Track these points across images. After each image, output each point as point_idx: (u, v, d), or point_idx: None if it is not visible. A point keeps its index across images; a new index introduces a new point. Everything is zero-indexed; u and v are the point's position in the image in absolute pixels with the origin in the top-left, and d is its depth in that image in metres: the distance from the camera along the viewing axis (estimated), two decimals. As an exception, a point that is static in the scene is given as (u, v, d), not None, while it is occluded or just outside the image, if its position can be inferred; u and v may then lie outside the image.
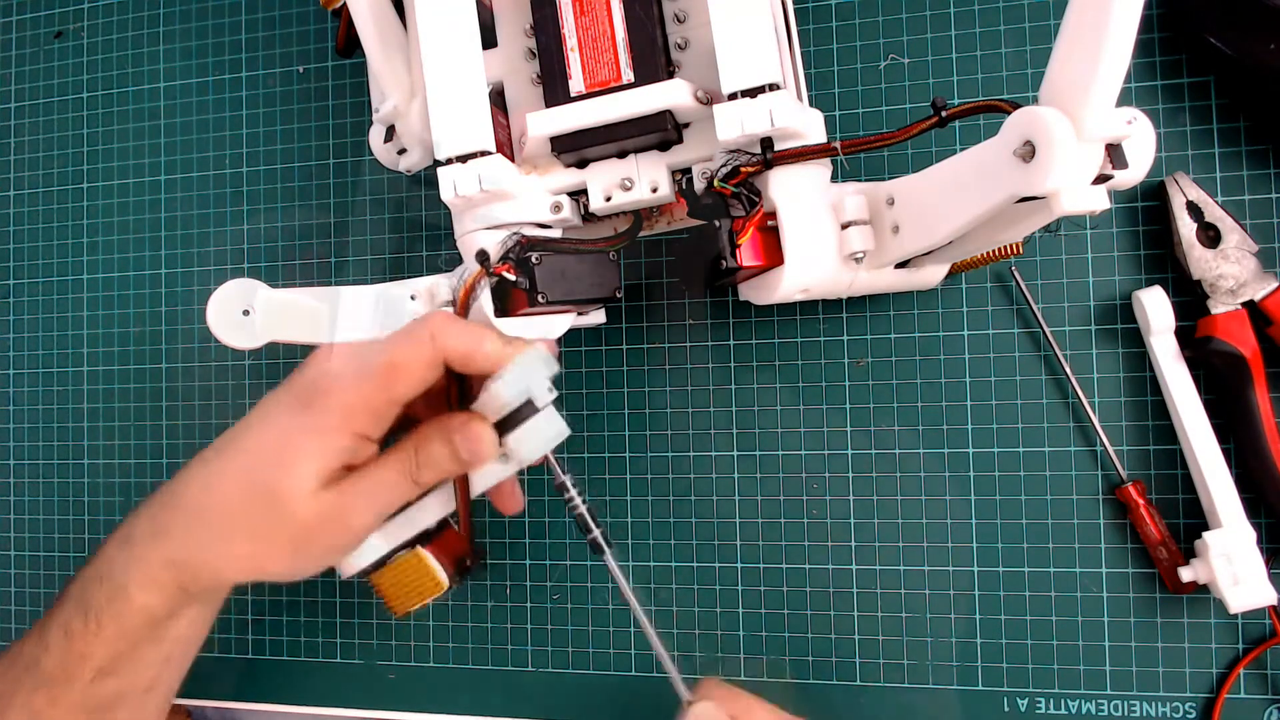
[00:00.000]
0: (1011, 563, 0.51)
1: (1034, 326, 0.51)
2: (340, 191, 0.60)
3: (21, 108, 0.66)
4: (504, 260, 0.43)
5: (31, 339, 0.65)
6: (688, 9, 0.43)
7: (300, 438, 0.41)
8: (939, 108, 0.38)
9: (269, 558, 0.42)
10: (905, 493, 0.52)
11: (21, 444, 0.65)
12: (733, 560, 0.54)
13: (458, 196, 0.43)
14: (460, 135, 0.43)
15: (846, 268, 0.43)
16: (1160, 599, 0.49)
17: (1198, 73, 0.50)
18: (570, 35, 0.43)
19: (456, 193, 0.43)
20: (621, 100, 0.42)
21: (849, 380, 0.53)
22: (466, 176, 0.43)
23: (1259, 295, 0.47)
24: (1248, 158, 0.49)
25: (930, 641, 0.51)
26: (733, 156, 0.42)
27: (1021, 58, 0.51)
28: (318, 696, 0.59)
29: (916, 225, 0.41)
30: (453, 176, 0.43)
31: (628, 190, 0.44)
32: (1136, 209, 0.50)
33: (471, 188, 0.43)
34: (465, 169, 0.43)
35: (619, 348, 0.56)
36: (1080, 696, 0.49)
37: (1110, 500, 0.50)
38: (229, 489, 0.42)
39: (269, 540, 0.42)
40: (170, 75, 0.64)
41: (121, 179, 0.64)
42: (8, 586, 0.64)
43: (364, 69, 0.52)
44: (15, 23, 0.67)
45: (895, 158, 0.52)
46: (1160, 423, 0.49)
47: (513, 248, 0.43)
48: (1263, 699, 0.48)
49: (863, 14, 0.54)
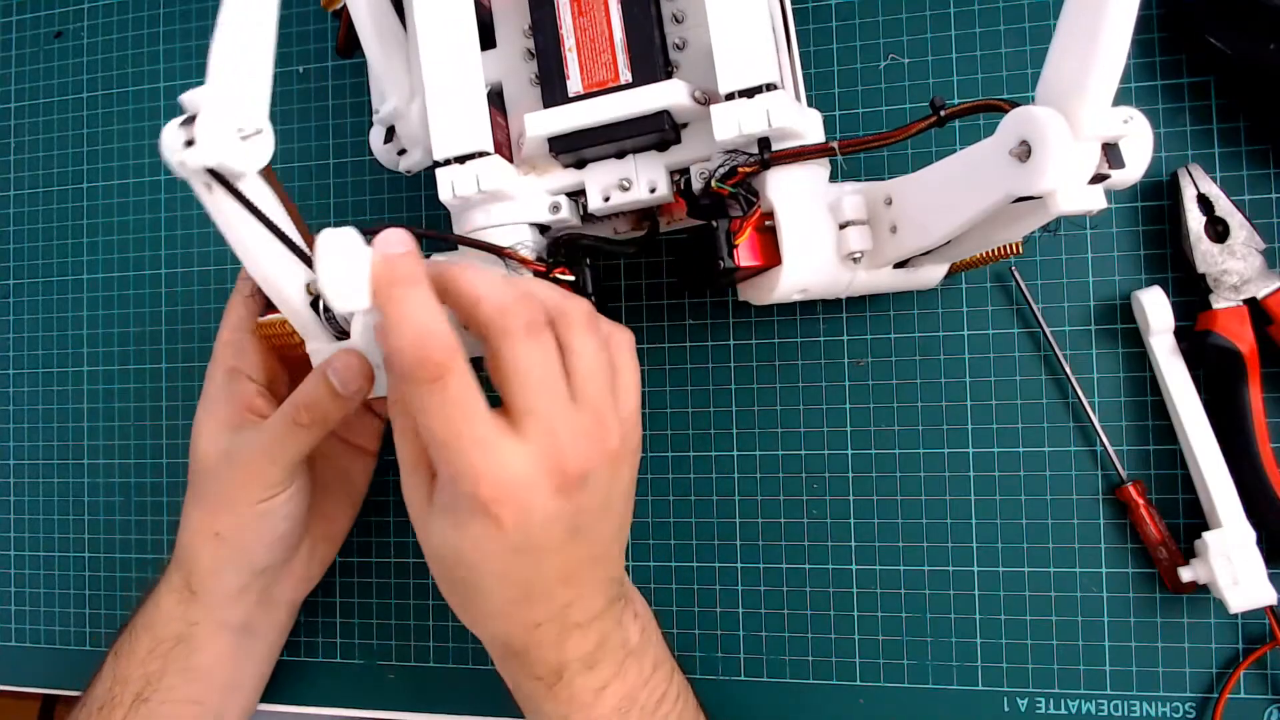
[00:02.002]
0: (1011, 563, 0.50)
1: (1034, 326, 0.51)
2: (340, 191, 0.60)
3: (21, 108, 0.67)
4: (556, 263, 0.43)
5: (31, 339, 0.65)
6: (685, 9, 0.43)
7: (209, 394, 0.49)
8: (937, 107, 0.38)
9: (203, 512, 0.48)
10: (905, 493, 0.52)
11: (21, 444, 0.65)
12: (733, 560, 0.54)
13: (456, 197, 0.43)
14: (458, 136, 0.43)
15: (844, 268, 0.43)
16: (1160, 599, 0.49)
17: (1198, 73, 0.50)
18: (568, 36, 0.43)
19: (455, 193, 0.43)
20: (619, 101, 0.42)
21: (849, 380, 0.53)
22: (464, 177, 0.43)
23: (1262, 293, 0.47)
24: (1248, 158, 0.49)
25: (930, 641, 0.51)
26: (730, 157, 0.42)
27: (1021, 58, 0.51)
28: (318, 696, 0.59)
29: (914, 225, 0.41)
30: (451, 177, 0.43)
31: (626, 190, 0.44)
32: (1136, 208, 0.50)
33: (469, 188, 0.43)
34: (463, 170, 0.43)
35: (618, 348, 0.56)
36: (1080, 696, 0.49)
37: (1110, 500, 0.50)
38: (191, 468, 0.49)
39: (198, 497, 0.48)
40: (170, 75, 0.64)
41: (121, 179, 0.64)
42: (7, 586, 0.64)
43: (364, 69, 0.52)
44: (15, 23, 0.67)
45: (895, 158, 0.52)
46: (1160, 423, 0.49)
47: (554, 250, 0.43)
48: (1263, 699, 0.48)
49: (863, 14, 0.54)
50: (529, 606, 0.39)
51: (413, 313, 0.35)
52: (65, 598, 0.63)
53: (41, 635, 0.63)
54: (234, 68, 0.37)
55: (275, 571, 0.50)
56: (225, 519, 0.47)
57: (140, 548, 0.62)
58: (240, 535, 0.47)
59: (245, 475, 0.46)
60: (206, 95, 0.36)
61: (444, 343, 0.35)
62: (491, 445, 0.36)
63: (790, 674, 0.53)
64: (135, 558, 0.62)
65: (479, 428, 0.36)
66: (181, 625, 0.49)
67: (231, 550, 0.48)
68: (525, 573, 0.38)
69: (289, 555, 0.50)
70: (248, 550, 0.48)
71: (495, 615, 0.40)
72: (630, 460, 0.41)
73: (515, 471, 0.36)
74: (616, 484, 0.40)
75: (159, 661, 0.49)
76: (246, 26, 0.37)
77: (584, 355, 0.39)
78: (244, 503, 0.46)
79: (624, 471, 0.41)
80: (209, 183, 0.36)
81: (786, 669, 0.53)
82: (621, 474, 0.40)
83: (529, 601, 0.39)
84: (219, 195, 0.36)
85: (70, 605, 0.63)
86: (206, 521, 0.48)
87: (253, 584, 0.49)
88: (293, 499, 0.47)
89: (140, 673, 0.48)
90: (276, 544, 0.48)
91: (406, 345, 0.35)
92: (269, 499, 0.46)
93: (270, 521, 0.47)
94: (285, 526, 0.48)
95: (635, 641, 0.43)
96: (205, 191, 0.37)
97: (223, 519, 0.47)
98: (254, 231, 0.38)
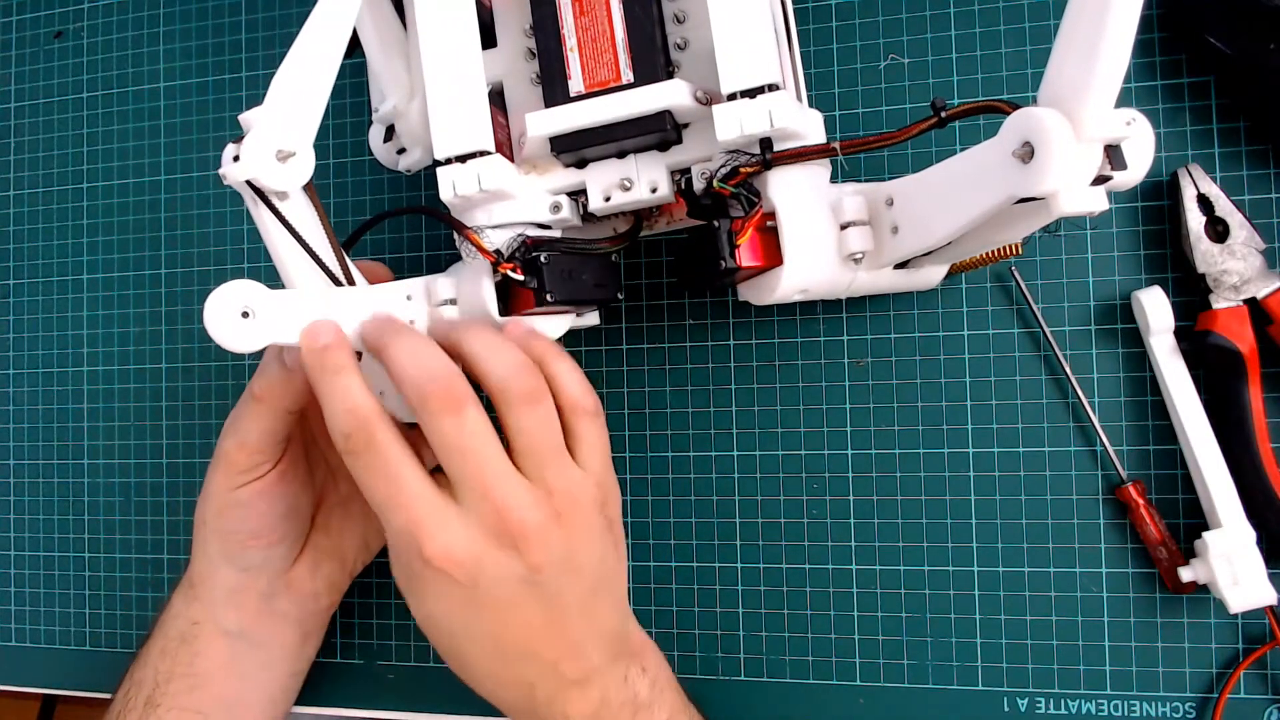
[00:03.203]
0: (1011, 563, 0.50)
1: (1034, 326, 0.51)
2: (340, 191, 0.60)
3: (21, 108, 0.66)
4: (510, 259, 0.43)
5: (31, 339, 0.65)
6: (687, 9, 0.43)
7: None
8: (938, 108, 0.38)
9: (198, 501, 0.49)
10: (905, 493, 0.52)
11: (21, 444, 0.65)
12: (733, 560, 0.54)
13: (456, 196, 0.43)
14: (459, 135, 0.43)
15: (845, 268, 0.43)
16: (1160, 599, 0.49)
17: (1198, 73, 0.50)
18: (570, 35, 0.43)
19: (455, 193, 0.43)
20: (621, 100, 0.42)
21: (849, 380, 0.53)
22: (465, 176, 0.43)
23: (1262, 293, 0.47)
24: (1248, 158, 0.49)
25: (930, 641, 0.51)
26: (732, 157, 0.42)
27: (1021, 58, 0.51)
28: (318, 696, 0.59)
29: (915, 226, 0.41)
30: (451, 176, 0.43)
31: (627, 190, 0.44)
32: (1137, 209, 0.50)
33: (470, 188, 0.43)
34: (464, 169, 0.43)
35: (619, 348, 0.56)
36: (1080, 696, 0.49)
37: (1110, 500, 0.50)
38: None
39: None
40: (170, 75, 0.64)
41: (121, 179, 0.64)
42: (8, 586, 0.64)
43: (364, 69, 0.52)
44: (15, 23, 0.67)
45: (896, 158, 0.52)
46: (1160, 423, 0.49)
47: (518, 248, 0.43)
48: (1263, 699, 0.48)
49: (863, 14, 0.54)
50: (512, 665, 0.41)
51: (339, 393, 0.40)
52: (65, 598, 0.63)
53: (41, 635, 0.63)
54: (289, 95, 0.41)
55: (271, 577, 0.50)
56: (208, 506, 0.48)
57: (140, 548, 0.62)
58: (221, 523, 0.48)
59: (218, 460, 0.47)
60: (257, 116, 0.40)
61: (366, 415, 0.39)
62: (429, 506, 0.39)
63: (790, 674, 0.53)
64: (135, 558, 0.62)
65: (413, 488, 0.39)
66: (185, 623, 0.49)
67: (219, 540, 0.48)
68: (492, 628, 0.40)
69: (283, 563, 0.50)
70: (232, 539, 0.48)
71: (486, 677, 0.42)
72: (585, 521, 0.42)
73: (455, 530, 0.39)
74: (576, 544, 0.41)
75: (168, 661, 0.49)
76: (312, 60, 0.41)
77: (522, 432, 0.41)
78: (222, 489, 0.47)
79: (579, 533, 0.41)
80: (253, 196, 0.40)
81: (786, 669, 0.53)
82: (576, 535, 0.41)
83: (508, 660, 0.41)
84: (259, 207, 0.40)
85: (70, 605, 0.63)
86: (198, 510, 0.49)
87: (248, 585, 0.49)
88: (269, 492, 0.47)
89: (151, 674, 0.49)
90: (261, 540, 0.48)
91: (336, 421, 0.40)
92: (242, 486, 0.46)
93: (247, 512, 0.47)
94: (265, 522, 0.48)
95: (645, 696, 0.44)
96: (251, 204, 0.41)
97: (207, 506, 0.48)
98: (285, 242, 0.41)
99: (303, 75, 0.41)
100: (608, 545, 0.43)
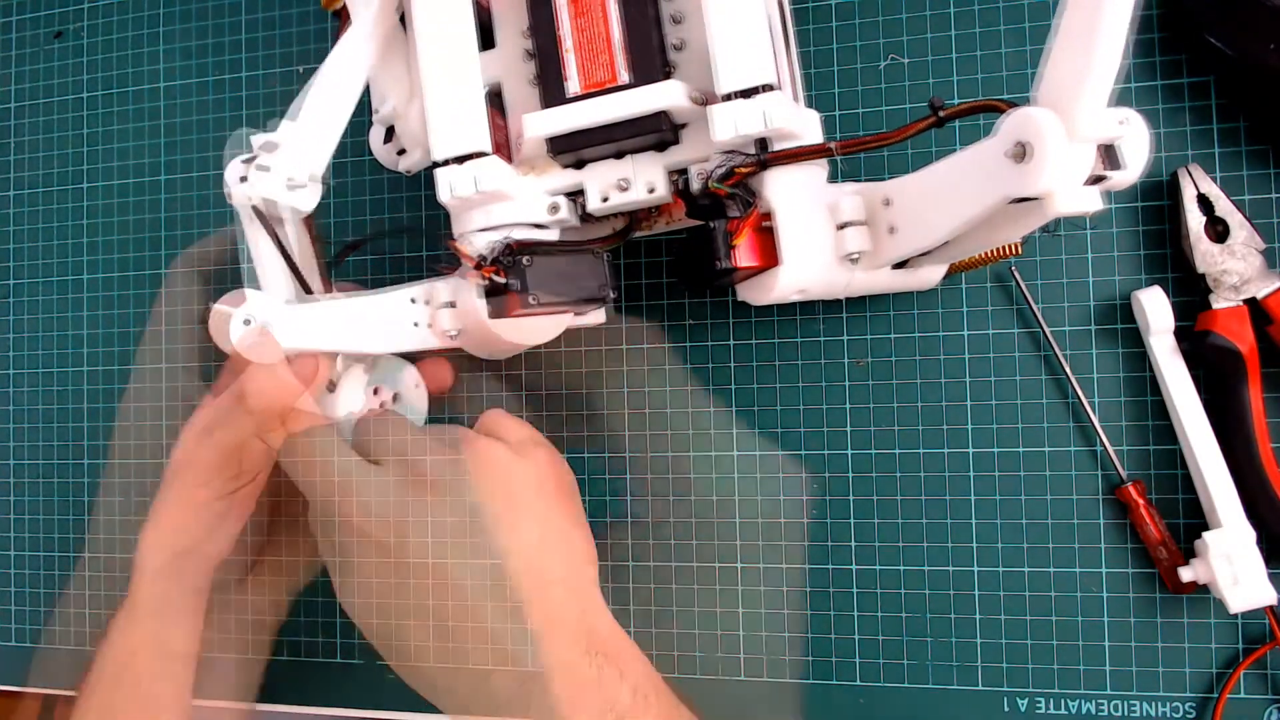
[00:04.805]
0: (1011, 563, 0.50)
1: (1034, 326, 0.51)
2: (340, 191, 0.60)
3: (21, 108, 0.67)
4: (493, 263, 0.43)
5: (31, 339, 0.65)
6: (684, 10, 0.43)
7: None
8: (936, 108, 0.38)
9: None
10: (905, 493, 0.52)
11: (21, 444, 0.65)
12: (733, 560, 0.54)
13: (454, 198, 0.43)
14: (457, 136, 0.43)
15: (843, 268, 0.43)
16: (1160, 599, 0.49)
17: (1198, 73, 0.50)
18: (567, 36, 0.43)
19: (453, 194, 0.43)
20: (618, 101, 0.42)
21: (849, 380, 0.53)
22: (463, 178, 0.43)
23: (1262, 293, 0.47)
24: (1248, 158, 0.49)
25: (930, 641, 0.51)
26: (728, 157, 0.42)
27: (1021, 58, 0.51)
28: (317, 696, 0.59)
29: (913, 226, 0.41)
30: (449, 178, 0.43)
31: (625, 191, 0.44)
32: (1137, 209, 0.50)
33: (467, 189, 0.43)
34: (462, 170, 0.43)
35: (619, 348, 0.56)
36: (1080, 696, 0.49)
37: (1110, 500, 0.50)
38: None
39: None
40: (170, 75, 0.64)
41: (121, 179, 0.64)
42: (8, 586, 0.64)
43: (363, 69, 0.52)
44: (15, 23, 0.67)
45: (894, 158, 0.52)
46: (1160, 423, 0.49)
47: (501, 251, 0.43)
48: (1263, 699, 0.48)
49: (863, 14, 0.54)
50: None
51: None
52: (65, 598, 0.63)
53: (41, 635, 0.63)
54: (307, 125, 0.42)
55: None
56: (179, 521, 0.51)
57: (140, 548, 0.62)
58: (183, 540, 0.51)
59: (194, 471, 0.51)
60: (271, 141, 0.41)
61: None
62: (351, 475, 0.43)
63: (790, 674, 0.53)
64: (135, 558, 0.62)
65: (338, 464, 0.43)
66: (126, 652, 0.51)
67: (176, 559, 0.51)
68: None
69: None
70: (190, 558, 0.51)
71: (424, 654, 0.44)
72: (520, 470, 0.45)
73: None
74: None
75: None
76: (332, 93, 0.43)
77: None
78: (199, 502, 0.50)
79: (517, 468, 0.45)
80: (252, 216, 0.42)
81: (786, 669, 0.53)
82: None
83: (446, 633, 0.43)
84: (255, 227, 0.42)
85: (70, 605, 0.63)
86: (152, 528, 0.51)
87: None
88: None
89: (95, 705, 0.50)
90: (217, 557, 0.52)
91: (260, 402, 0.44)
92: (220, 498, 0.50)
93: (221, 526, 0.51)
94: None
95: (626, 704, 0.43)
96: (247, 221, 0.42)
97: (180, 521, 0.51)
98: (273, 263, 0.43)
99: (324, 105, 0.42)
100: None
